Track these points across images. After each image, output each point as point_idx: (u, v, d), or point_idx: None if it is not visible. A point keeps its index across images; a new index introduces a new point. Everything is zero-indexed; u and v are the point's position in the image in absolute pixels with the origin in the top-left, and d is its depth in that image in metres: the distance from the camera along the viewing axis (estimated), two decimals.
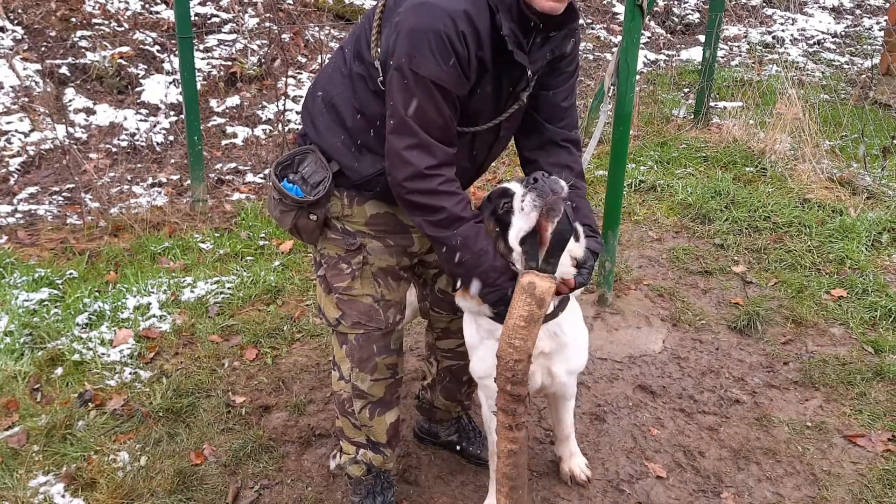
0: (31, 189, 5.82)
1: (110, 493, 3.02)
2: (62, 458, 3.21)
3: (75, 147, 5.78)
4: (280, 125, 6.50)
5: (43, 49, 7.18)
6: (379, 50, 2.30)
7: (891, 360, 3.84)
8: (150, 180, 6.03)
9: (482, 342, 2.59)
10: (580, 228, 2.45)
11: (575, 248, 2.41)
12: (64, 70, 7.05)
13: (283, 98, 6.44)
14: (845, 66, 9.42)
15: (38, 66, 6.92)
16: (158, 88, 7.18)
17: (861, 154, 5.93)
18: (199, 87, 7.36)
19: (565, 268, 2.36)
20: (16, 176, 5.96)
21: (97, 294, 4.34)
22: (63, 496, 3.01)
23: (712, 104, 7.41)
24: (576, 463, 3.15)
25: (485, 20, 2.21)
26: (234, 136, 6.97)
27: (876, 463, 3.24)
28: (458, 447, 3.26)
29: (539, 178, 2.24)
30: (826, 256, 4.80)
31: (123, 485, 3.06)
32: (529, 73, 2.35)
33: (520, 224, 2.28)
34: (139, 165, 6.25)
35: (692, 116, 7.26)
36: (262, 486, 3.13)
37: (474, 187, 3.12)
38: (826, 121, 6.33)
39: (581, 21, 2.54)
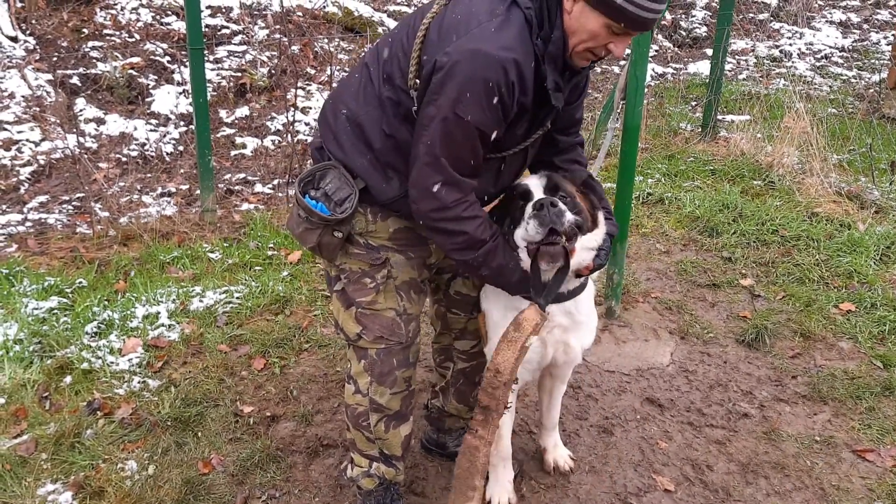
0: (41, 198, 5.86)
1: (118, 501, 3.03)
2: (70, 466, 3.22)
3: (86, 157, 5.81)
4: (290, 136, 6.52)
5: (54, 59, 7.23)
6: (417, 81, 2.31)
7: None
8: (159, 190, 6.06)
9: (504, 319, 2.62)
10: (601, 215, 2.60)
11: (591, 238, 2.55)
12: (75, 80, 7.10)
13: (293, 109, 6.46)
14: (852, 81, 9.43)
15: (50, 76, 6.97)
16: (168, 99, 7.22)
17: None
18: (209, 97, 7.44)
19: (583, 254, 2.52)
20: (26, 185, 6.00)
21: (106, 303, 4.35)
22: None
23: (720, 117, 7.42)
24: (560, 454, 3.26)
25: (530, 68, 2.26)
26: (244, 146, 7.00)
27: (885, 478, 3.23)
28: None
29: (545, 205, 2.34)
30: (834, 270, 4.80)
31: (131, 494, 3.07)
32: (559, 106, 2.42)
33: (521, 234, 2.46)
34: (149, 175, 6.28)
35: (700, 129, 7.27)
36: (270, 496, 3.13)
37: None
38: (834, 135, 6.33)
39: None
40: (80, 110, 6.82)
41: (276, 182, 6.29)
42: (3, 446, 3.29)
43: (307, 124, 7.38)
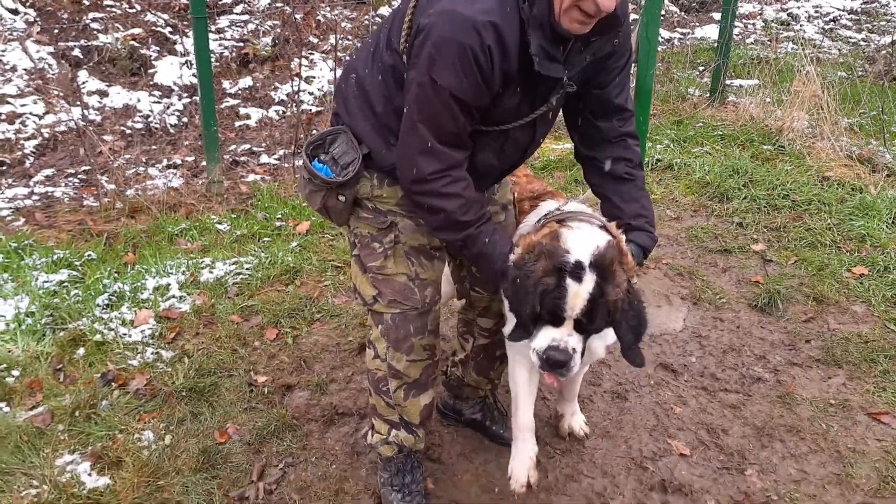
0: (47, 171, 5.82)
1: (136, 471, 3.04)
2: (87, 437, 3.23)
3: (91, 129, 5.77)
4: (294, 106, 6.47)
5: (55, 31, 7.15)
6: (407, 45, 2.26)
7: None
8: (164, 162, 6.03)
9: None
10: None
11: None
12: (76, 52, 7.03)
13: (298, 79, 6.40)
14: (861, 44, 9.31)
15: (51, 49, 6.91)
16: (171, 70, 7.15)
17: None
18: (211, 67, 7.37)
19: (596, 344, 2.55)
20: (31, 158, 5.96)
21: (116, 275, 4.34)
22: (90, 474, 3.03)
23: (728, 82, 7.34)
24: (576, 420, 3.25)
25: (514, 33, 2.15)
26: (248, 117, 6.95)
27: None
28: (482, 425, 3.27)
29: (557, 351, 2.27)
30: (846, 234, 4.77)
31: (149, 463, 3.08)
32: (565, 79, 2.29)
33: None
34: (153, 147, 6.24)
35: (708, 95, 7.19)
36: (287, 463, 3.14)
37: (523, 173, 3.07)
38: (844, 98, 6.26)
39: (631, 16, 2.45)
40: (83, 83, 6.76)
41: (281, 153, 6.24)
42: (19, 418, 3.30)
43: (311, 94, 7.32)
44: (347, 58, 7.73)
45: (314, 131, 6.61)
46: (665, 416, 3.41)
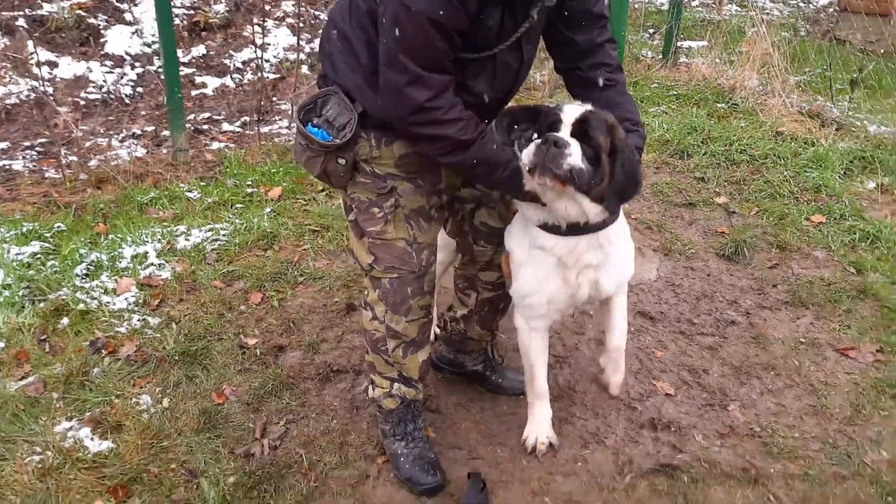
0: (1, 145, 5.66)
1: (138, 434, 3.05)
2: (83, 403, 3.22)
3: (51, 98, 5.61)
4: (257, 72, 6.40)
5: None
6: None
7: (873, 278, 4.05)
8: (123, 133, 5.91)
9: (529, 258, 2.66)
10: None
11: (592, 206, 2.46)
12: (21, 22, 6.80)
13: (258, 47, 6.33)
14: (801, 5, 9.62)
15: None
16: (122, 39, 6.97)
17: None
18: None
19: (589, 208, 2.45)
20: None
21: (91, 245, 4.28)
22: (92, 439, 3.03)
23: (678, 44, 7.52)
24: (616, 381, 3.06)
25: None
26: (204, 85, 6.84)
27: (868, 373, 3.45)
28: (482, 376, 3.34)
29: (549, 143, 2.29)
30: (803, 185, 4.99)
31: (150, 426, 3.10)
32: None
33: (525, 151, 2.39)
34: (110, 118, 6.11)
35: (661, 57, 7.36)
36: (288, 420, 3.19)
37: None
38: (793, 57, 6.49)
39: None
40: (31, 53, 6.54)
41: (244, 120, 6.18)
42: (10, 388, 3.26)
43: (268, 61, 7.23)
44: (301, 24, 7.66)
45: (274, 99, 6.56)
46: (648, 360, 3.56)
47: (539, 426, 3.03)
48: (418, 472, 2.87)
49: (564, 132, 2.38)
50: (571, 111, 2.42)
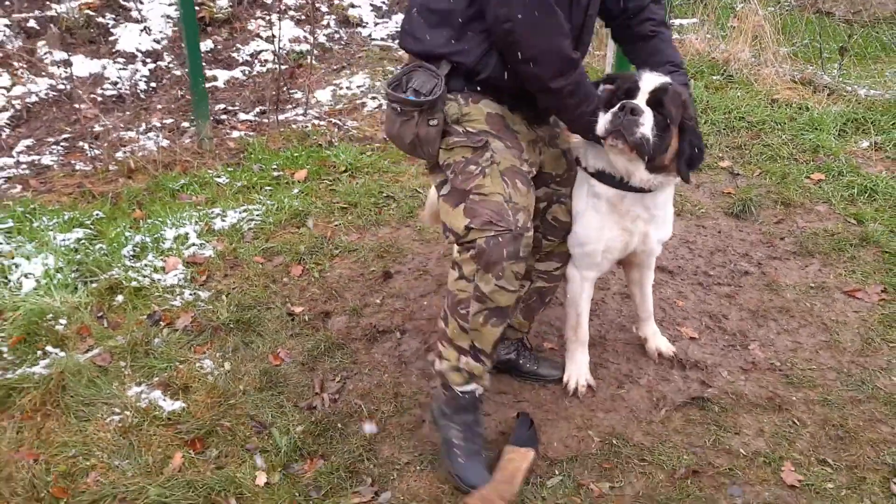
0: (27, 142, 5.83)
1: (206, 394, 3.28)
2: (150, 370, 3.43)
3: (80, 92, 5.80)
4: (277, 59, 6.60)
5: (6, 3, 7.05)
6: None
7: (873, 227, 4.33)
8: (143, 126, 6.10)
9: (587, 207, 2.93)
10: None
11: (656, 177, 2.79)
12: (32, 23, 6.96)
13: (276, 34, 6.52)
14: None
15: (6, 21, 6.83)
16: (132, 37, 7.15)
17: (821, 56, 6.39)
18: (170, 32, 7.40)
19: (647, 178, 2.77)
20: (7, 130, 5.95)
21: (133, 230, 4.48)
22: (164, 400, 3.25)
23: (671, 22, 7.77)
24: (660, 341, 3.48)
25: None
26: (215, 78, 7.03)
27: (874, 310, 3.73)
28: (514, 364, 3.37)
29: (626, 110, 2.57)
30: (801, 147, 5.27)
31: (216, 386, 3.32)
32: None
33: (602, 118, 2.69)
34: (128, 113, 6.29)
35: None
36: (343, 377, 3.43)
37: None
38: (785, 29, 6.77)
39: None
40: (45, 53, 6.72)
41: (258, 109, 6.38)
42: (80, 359, 3.47)
43: (274, 52, 7.42)
44: (304, 16, 7.89)
45: (284, 88, 6.77)
46: (671, 309, 3.82)
47: (579, 369, 3.29)
48: (470, 472, 2.81)
49: (640, 100, 2.62)
50: (650, 80, 2.66)
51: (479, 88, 2.73)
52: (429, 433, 3.10)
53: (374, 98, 6.51)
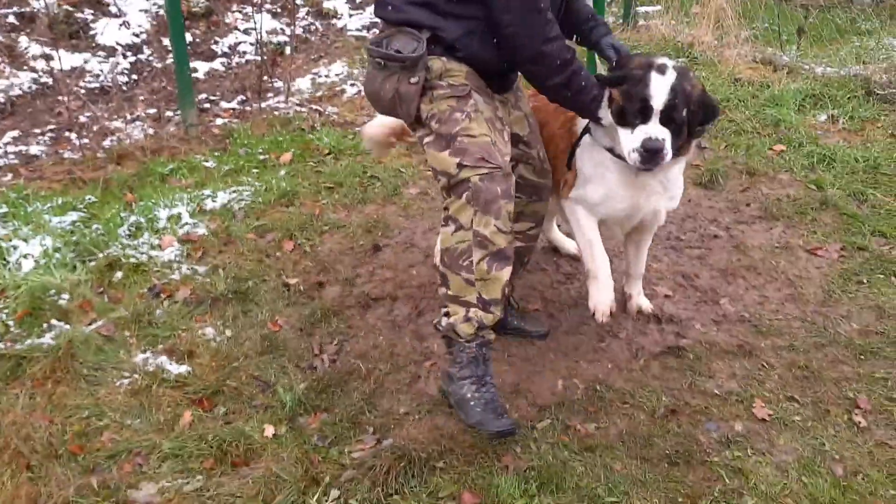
0: (13, 133, 5.92)
1: (211, 357, 3.45)
2: (154, 338, 3.59)
3: (67, 81, 5.90)
4: (260, 48, 6.73)
5: None
6: None
7: (832, 192, 4.61)
8: (127, 117, 6.21)
9: (594, 173, 3.16)
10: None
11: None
12: (11, 19, 7.04)
13: (260, 22, 6.65)
14: None
15: None
16: (111, 31, 7.25)
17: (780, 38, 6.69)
18: (149, 26, 7.51)
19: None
20: None
21: (124, 213, 4.61)
22: (171, 364, 3.42)
23: (635, 9, 8.04)
24: (643, 300, 3.72)
25: None
26: (195, 70, 7.13)
27: (835, 266, 4.01)
28: (501, 322, 3.22)
29: (651, 150, 2.82)
30: (763, 122, 5.55)
31: (220, 351, 3.50)
32: None
33: (625, 138, 2.91)
34: (111, 104, 6.40)
35: (621, 21, 7.88)
36: (340, 340, 3.61)
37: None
38: (745, 13, 7.07)
39: None
40: (26, 48, 6.80)
41: (240, 98, 6.52)
42: (85, 331, 3.61)
43: (251, 44, 7.56)
44: (279, 10, 8.04)
45: (264, 78, 6.91)
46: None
47: (604, 295, 3.30)
48: (490, 417, 2.85)
49: (655, 121, 2.82)
50: (659, 91, 2.80)
51: (459, 57, 2.88)
52: (424, 387, 3.30)
53: (353, 85, 6.67)
